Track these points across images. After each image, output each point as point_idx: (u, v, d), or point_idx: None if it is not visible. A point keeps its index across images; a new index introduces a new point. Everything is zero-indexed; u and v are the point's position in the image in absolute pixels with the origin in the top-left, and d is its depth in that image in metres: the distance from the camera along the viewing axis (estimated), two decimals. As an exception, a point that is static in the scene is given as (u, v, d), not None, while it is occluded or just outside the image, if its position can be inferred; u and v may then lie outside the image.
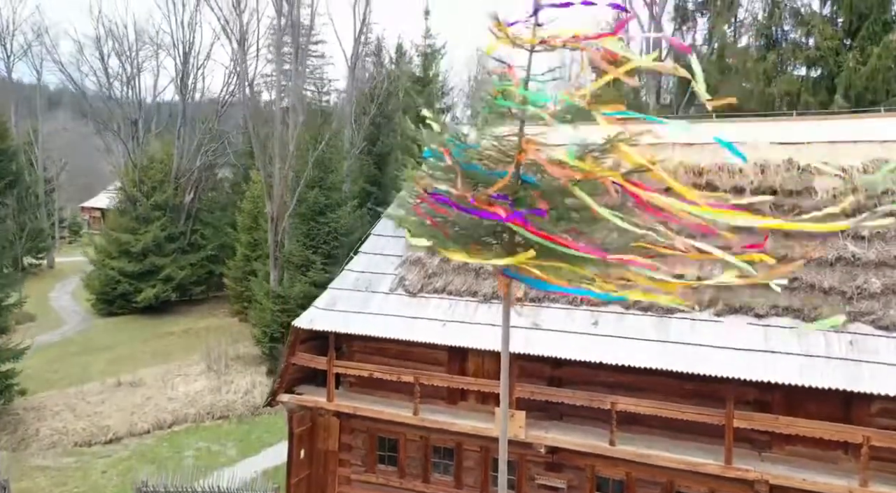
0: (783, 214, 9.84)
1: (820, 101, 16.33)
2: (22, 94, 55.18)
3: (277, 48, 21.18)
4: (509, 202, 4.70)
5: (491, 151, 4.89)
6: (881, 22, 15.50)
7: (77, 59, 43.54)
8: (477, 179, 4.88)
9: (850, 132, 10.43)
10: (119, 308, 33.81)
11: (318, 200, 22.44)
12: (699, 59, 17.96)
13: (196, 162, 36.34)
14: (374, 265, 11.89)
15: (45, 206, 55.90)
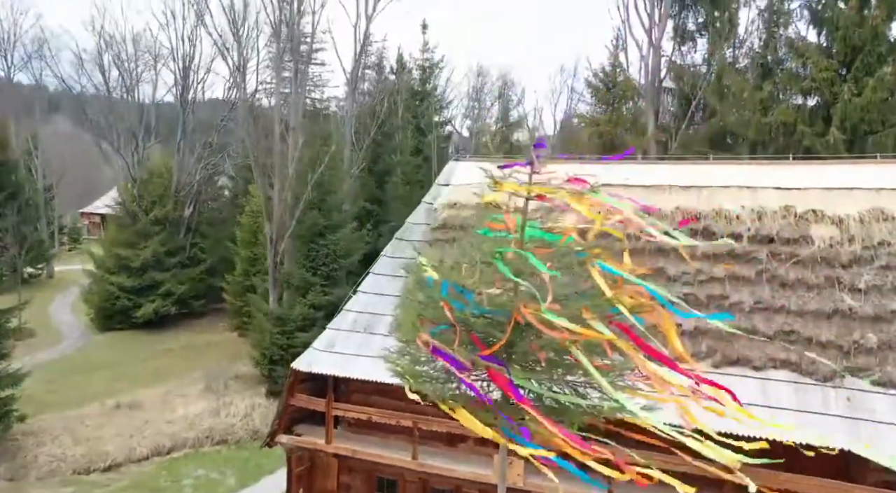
0: (780, 262, 9.89)
1: (816, 131, 16.37)
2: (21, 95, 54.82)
3: (277, 71, 21.21)
4: (504, 367, 4.69)
5: (488, 314, 4.87)
6: (875, 54, 15.57)
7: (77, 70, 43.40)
8: (476, 329, 4.89)
9: (846, 179, 10.48)
10: (118, 323, 33.81)
11: (318, 222, 22.48)
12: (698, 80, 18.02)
13: (196, 176, 36.38)
14: (373, 306, 11.93)
15: (45, 213, 55.97)
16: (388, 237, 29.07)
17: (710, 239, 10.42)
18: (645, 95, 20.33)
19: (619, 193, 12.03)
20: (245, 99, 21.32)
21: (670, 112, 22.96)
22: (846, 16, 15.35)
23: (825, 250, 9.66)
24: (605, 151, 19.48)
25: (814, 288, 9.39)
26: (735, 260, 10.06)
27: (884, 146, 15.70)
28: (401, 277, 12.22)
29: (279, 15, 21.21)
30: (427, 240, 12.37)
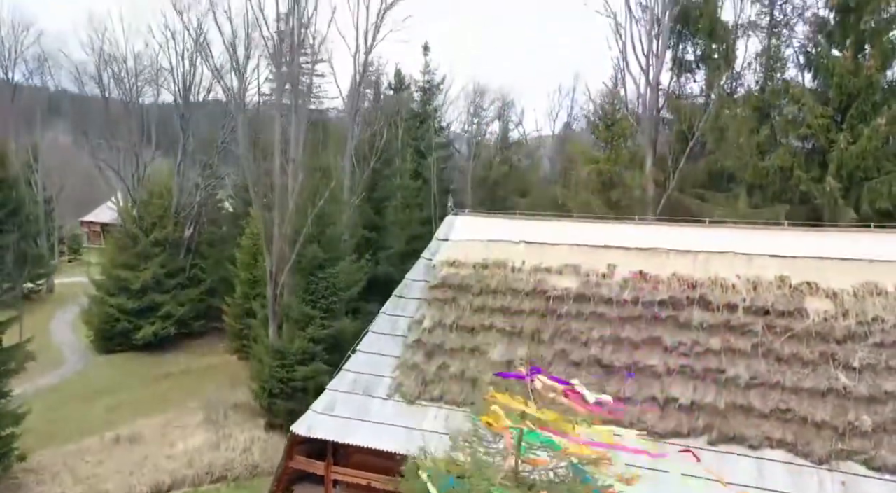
0: (776, 335, 9.98)
1: (812, 176, 16.47)
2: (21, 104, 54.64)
3: (277, 107, 21.31)
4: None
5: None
6: (870, 102, 15.69)
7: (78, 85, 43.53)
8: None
9: (840, 248, 10.58)
10: (118, 345, 33.84)
11: (317, 255, 22.56)
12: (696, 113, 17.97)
13: (196, 197, 36.48)
14: (372, 366, 12.01)
15: (45, 225, 56.01)
16: (385, 265, 29.31)
17: (707, 309, 10.54)
18: (643, 132, 20.42)
19: (618, 255, 12.12)
20: (246, 136, 21.39)
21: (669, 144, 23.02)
22: (841, 64, 15.47)
23: (820, 324, 9.75)
24: (603, 187, 19.58)
25: (809, 364, 9.48)
26: (731, 332, 10.15)
27: (879, 193, 15.84)
28: (400, 336, 12.35)
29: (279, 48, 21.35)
30: (426, 298, 12.46)
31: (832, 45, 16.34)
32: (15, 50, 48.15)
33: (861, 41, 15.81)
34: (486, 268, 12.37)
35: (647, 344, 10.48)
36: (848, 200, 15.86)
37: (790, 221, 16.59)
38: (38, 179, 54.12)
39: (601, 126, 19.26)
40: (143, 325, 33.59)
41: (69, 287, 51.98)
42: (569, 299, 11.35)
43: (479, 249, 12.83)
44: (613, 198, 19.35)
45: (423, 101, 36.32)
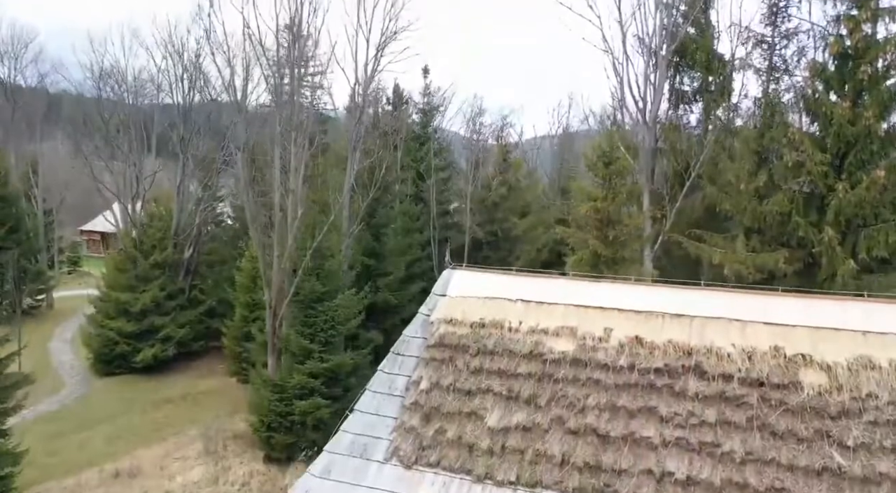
0: (771, 408, 10.01)
1: (810, 221, 16.54)
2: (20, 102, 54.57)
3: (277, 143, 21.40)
4: None
5: None
6: (868, 151, 15.78)
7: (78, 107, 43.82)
8: None
9: (834, 317, 10.60)
10: (118, 368, 33.98)
11: (316, 289, 22.63)
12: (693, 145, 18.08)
13: (196, 218, 36.59)
14: (370, 427, 11.99)
15: (45, 238, 56.05)
16: (384, 292, 29.36)
17: (702, 378, 10.56)
18: (640, 171, 20.51)
19: (615, 318, 12.15)
20: (248, 180, 21.51)
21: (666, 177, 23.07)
22: (839, 113, 15.55)
23: (814, 398, 9.77)
24: (601, 225, 19.66)
25: (804, 441, 9.48)
26: (726, 403, 10.18)
27: (876, 241, 15.92)
28: (398, 396, 12.36)
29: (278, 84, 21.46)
30: (423, 357, 12.48)
31: (830, 92, 16.43)
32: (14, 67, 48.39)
33: (859, 89, 15.88)
34: (484, 327, 12.38)
35: (642, 413, 10.48)
36: (845, 246, 15.93)
37: (788, 266, 16.80)
38: (37, 194, 54.21)
39: (599, 164, 19.33)
40: (142, 348, 33.72)
41: (69, 302, 52.13)
42: (565, 363, 11.36)
43: (476, 306, 12.85)
44: (611, 236, 19.43)
45: (423, 123, 36.43)
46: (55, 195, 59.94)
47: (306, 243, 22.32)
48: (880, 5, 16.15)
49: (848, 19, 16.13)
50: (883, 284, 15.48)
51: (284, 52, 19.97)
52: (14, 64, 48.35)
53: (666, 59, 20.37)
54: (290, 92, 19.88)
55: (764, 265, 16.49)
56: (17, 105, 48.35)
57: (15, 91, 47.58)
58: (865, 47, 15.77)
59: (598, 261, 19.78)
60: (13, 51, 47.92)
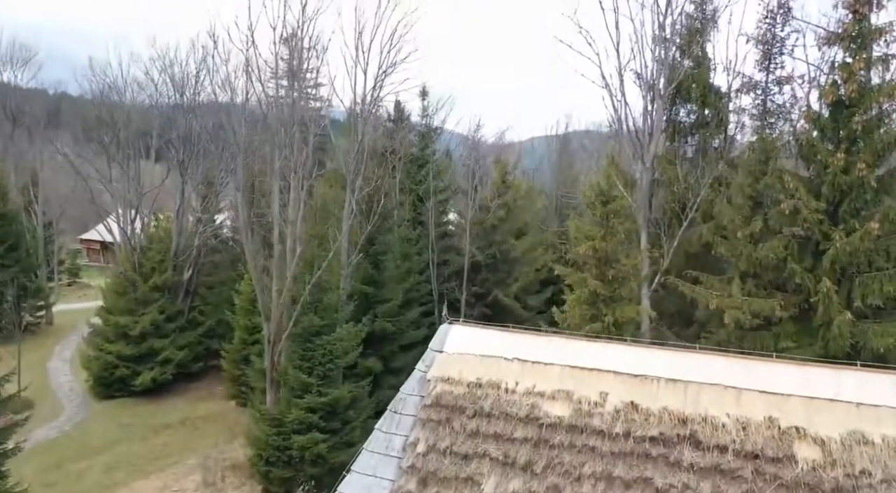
0: (765, 482, 10.08)
1: (805, 266, 16.64)
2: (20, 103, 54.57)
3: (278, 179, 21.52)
4: None
5: None
6: (862, 199, 15.90)
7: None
8: None
9: (827, 388, 10.68)
10: (117, 391, 34.06)
11: (314, 322, 22.71)
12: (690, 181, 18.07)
13: (195, 240, 36.68)
14: (366, 490, 12.08)
15: (44, 251, 56.08)
16: (382, 320, 29.39)
17: (698, 448, 10.63)
18: (638, 209, 20.61)
19: (610, 381, 12.22)
20: (247, 220, 21.62)
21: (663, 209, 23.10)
22: (834, 163, 15.65)
23: (809, 473, 9.83)
24: (599, 264, 19.74)
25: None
26: (722, 476, 10.24)
27: (871, 289, 16.00)
28: (394, 456, 12.44)
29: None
30: (420, 417, 12.55)
31: (825, 139, 16.53)
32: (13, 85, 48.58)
33: (853, 137, 15.99)
34: (480, 387, 12.46)
35: (638, 484, 10.55)
36: (841, 292, 16.01)
37: (784, 311, 16.85)
38: (38, 209, 54.24)
39: (597, 204, 19.43)
40: (141, 371, 33.78)
41: (68, 316, 52.19)
42: (561, 429, 11.42)
43: (473, 364, 12.93)
44: (609, 275, 19.51)
45: (422, 145, 36.56)
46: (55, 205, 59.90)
47: (305, 278, 22.41)
48: (873, 54, 16.28)
49: (842, 68, 16.24)
50: (878, 332, 15.57)
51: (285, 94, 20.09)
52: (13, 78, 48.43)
53: (664, 102, 20.48)
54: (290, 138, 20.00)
55: (760, 311, 16.58)
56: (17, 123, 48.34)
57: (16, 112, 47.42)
58: (859, 96, 15.88)
59: (597, 299, 19.86)
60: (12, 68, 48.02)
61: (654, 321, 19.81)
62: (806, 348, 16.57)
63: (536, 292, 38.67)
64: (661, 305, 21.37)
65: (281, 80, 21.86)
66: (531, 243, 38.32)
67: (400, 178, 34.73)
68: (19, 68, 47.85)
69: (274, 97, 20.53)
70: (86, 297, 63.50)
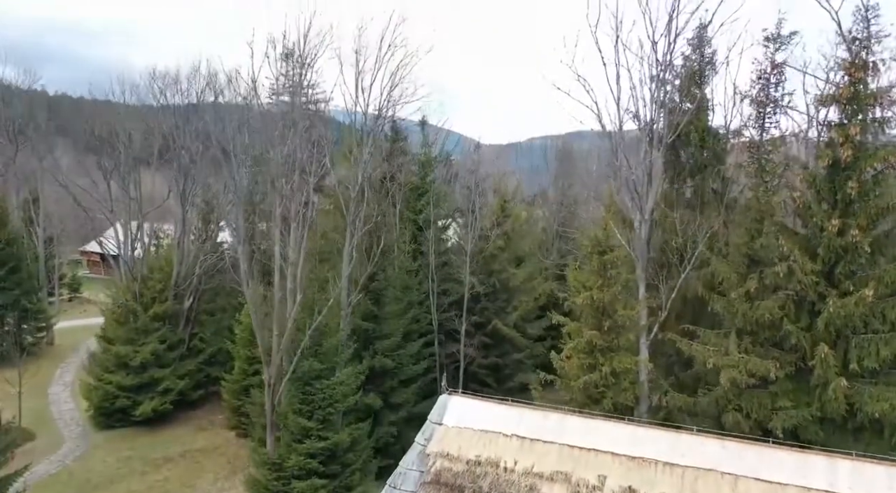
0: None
1: (801, 326, 16.78)
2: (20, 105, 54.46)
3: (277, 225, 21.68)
4: None
5: None
6: (857, 263, 16.04)
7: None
8: None
9: (824, 477, 10.83)
10: (118, 421, 34.09)
11: (314, 367, 22.80)
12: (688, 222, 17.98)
13: (196, 270, 36.78)
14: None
15: (45, 266, 56.09)
16: (381, 356, 29.46)
17: (693, 539, 10.75)
18: (637, 259, 20.73)
19: (608, 462, 12.36)
20: (249, 271, 21.78)
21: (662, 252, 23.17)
22: (829, 229, 15.78)
23: (803, 570, 9.98)
24: (597, 314, 19.86)
25: None
26: (717, 570, 10.37)
27: (867, 352, 16.12)
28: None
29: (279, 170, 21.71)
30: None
31: (821, 200, 16.66)
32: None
33: (848, 201, 16.12)
34: (480, 465, 12.62)
35: (635, 574, 10.69)
36: (837, 352, 16.12)
37: (780, 370, 16.95)
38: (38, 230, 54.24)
39: (594, 254, 19.56)
40: (142, 401, 33.82)
41: (70, 335, 52.15)
42: (559, 513, 11.56)
43: (472, 440, 13.10)
44: (607, 325, 19.63)
45: (422, 175, 36.71)
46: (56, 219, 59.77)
47: (306, 322, 22.52)
48: (869, 116, 16.44)
49: (838, 130, 16.39)
50: (874, 395, 15.69)
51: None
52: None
53: (662, 157, 20.63)
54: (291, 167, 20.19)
55: (756, 371, 16.70)
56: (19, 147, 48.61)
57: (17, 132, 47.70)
58: (855, 160, 16.03)
59: (594, 349, 19.97)
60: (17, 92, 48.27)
61: (651, 372, 19.91)
62: (803, 407, 16.70)
63: (536, 318, 38.76)
64: (659, 347, 21.45)
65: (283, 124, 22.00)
66: (530, 272, 38.43)
67: (399, 208, 34.86)
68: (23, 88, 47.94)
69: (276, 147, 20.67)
70: (86, 313, 63.32)
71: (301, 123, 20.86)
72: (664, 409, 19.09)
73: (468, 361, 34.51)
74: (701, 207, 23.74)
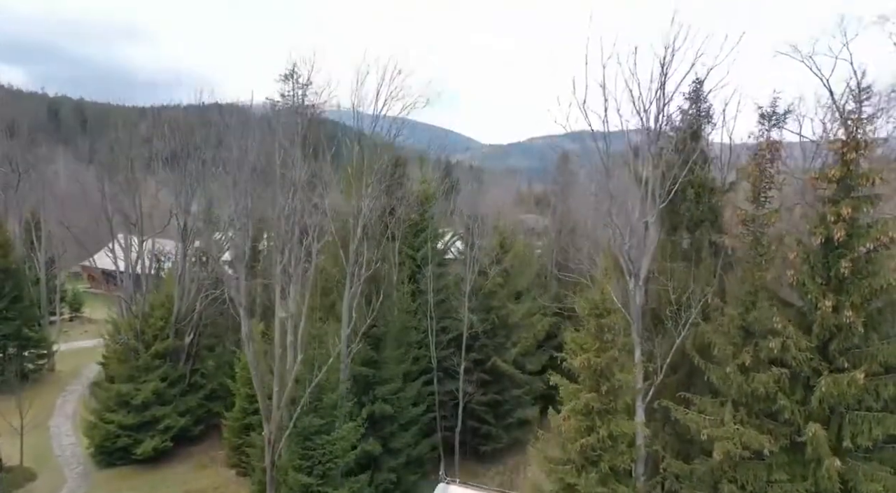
0: None
1: (796, 399, 16.95)
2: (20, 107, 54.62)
3: (278, 283, 21.92)
4: None
5: None
6: (851, 341, 16.24)
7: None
8: None
9: None
10: (119, 459, 34.30)
11: (314, 423, 22.99)
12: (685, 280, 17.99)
13: (196, 306, 36.98)
14: None
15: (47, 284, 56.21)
16: (381, 403, 29.61)
17: None
18: (632, 324, 20.93)
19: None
20: (250, 333, 22.02)
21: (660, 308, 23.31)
22: (823, 308, 15.98)
23: None
24: (594, 376, 20.02)
25: None
26: None
27: (860, 429, 16.28)
28: None
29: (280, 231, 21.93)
30: None
31: (815, 276, 16.84)
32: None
33: (842, 278, 16.31)
34: (475, 562, 12.72)
35: None
36: (831, 429, 16.29)
37: (774, 444, 17.08)
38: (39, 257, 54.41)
39: (591, 318, 19.74)
40: (143, 439, 34.00)
41: (71, 359, 52.17)
42: None
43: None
44: (604, 388, 19.79)
45: (421, 211, 36.95)
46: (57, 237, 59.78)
47: (306, 379, 22.72)
48: (862, 193, 16.64)
49: (831, 207, 16.59)
50: (867, 474, 15.83)
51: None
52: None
53: (656, 229, 20.85)
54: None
55: (750, 444, 16.86)
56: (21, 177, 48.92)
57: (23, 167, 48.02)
58: (848, 237, 16.23)
59: (591, 411, 20.12)
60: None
61: (647, 437, 20.06)
62: (798, 480, 16.85)
63: (535, 353, 38.93)
64: (657, 410, 21.58)
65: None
66: (529, 307, 38.59)
67: (398, 245, 35.08)
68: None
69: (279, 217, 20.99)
70: (88, 333, 63.33)
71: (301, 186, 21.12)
72: (661, 474, 19.22)
73: (467, 399, 34.67)
74: (697, 261, 23.97)
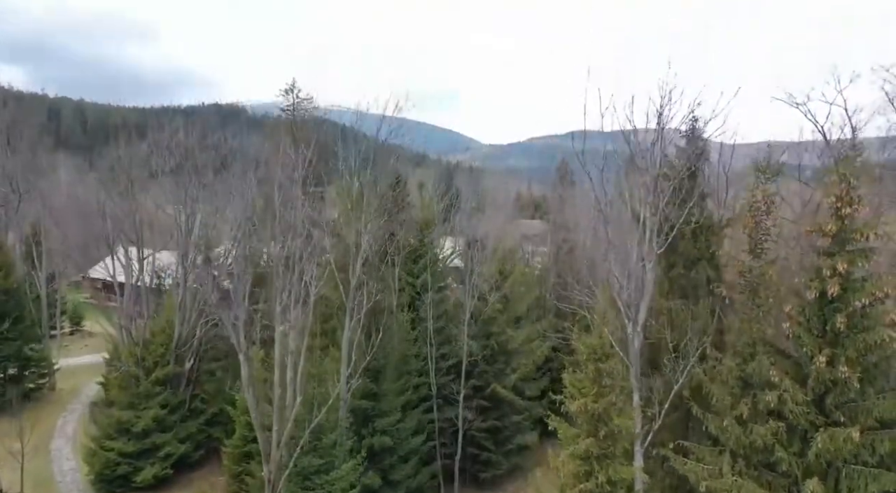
0: None
1: (794, 451, 17.06)
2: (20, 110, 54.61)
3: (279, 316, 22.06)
4: None
5: None
6: (846, 396, 16.36)
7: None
8: None
9: None
10: (119, 487, 34.32)
11: (313, 463, 23.07)
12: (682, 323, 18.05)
13: (197, 332, 37.10)
14: None
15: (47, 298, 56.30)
16: (380, 435, 29.68)
17: None
18: (630, 368, 21.02)
19: None
20: (251, 380, 22.16)
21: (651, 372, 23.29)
22: (819, 363, 16.11)
23: None
24: (592, 419, 20.13)
25: None
26: None
27: (857, 484, 16.39)
28: None
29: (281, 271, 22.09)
30: None
31: (811, 330, 16.96)
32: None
33: (838, 332, 16.43)
34: None
35: None
36: (827, 484, 16.39)
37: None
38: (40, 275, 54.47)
39: (589, 362, 19.86)
40: (143, 467, 34.05)
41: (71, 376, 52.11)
42: None
43: None
44: (602, 433, 19.90)
45: (421, 239, 37.12)
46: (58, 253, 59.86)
47: (305, 419, 22.81)
48: (857, 247, 16.77)
49: (825, 260, 16.72)
50: (865, 529, 15.95)
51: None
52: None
53: (654, 274, 20.98)
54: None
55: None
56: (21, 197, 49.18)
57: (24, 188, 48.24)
58: (842, 292, 16.36)
59: (590, 456, 20.23)
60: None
61: (646, 483, 20.14)
62: (796, 533, 16.94)
63: (535, 378, 39.02)
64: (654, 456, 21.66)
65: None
66: (528, 333, 38.70)
67: (398, 272, 35.21)
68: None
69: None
70: (88, 347, 63.32)
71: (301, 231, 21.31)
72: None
73: (467, 426, 34.74)
74: (695, 299, 24.11)
